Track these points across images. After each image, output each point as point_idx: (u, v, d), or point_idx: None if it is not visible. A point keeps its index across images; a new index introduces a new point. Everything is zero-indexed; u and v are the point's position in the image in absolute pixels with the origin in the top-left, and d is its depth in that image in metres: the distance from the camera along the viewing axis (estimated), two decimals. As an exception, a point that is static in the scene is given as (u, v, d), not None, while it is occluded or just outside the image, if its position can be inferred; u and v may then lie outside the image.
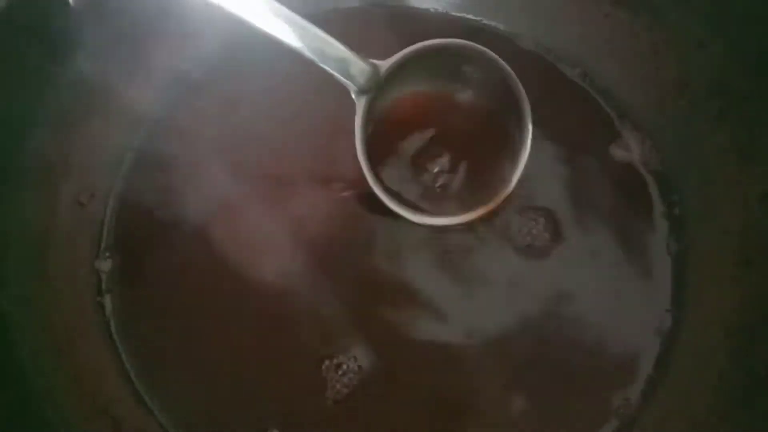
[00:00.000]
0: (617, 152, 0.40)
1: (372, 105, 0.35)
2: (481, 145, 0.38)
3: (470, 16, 0.44)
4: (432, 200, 0.37)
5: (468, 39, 0.42)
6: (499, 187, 0.36)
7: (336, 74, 0.34)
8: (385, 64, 0.35)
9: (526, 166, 0.35)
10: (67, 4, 0.34)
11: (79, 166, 0.38)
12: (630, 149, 0.40)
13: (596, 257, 0.37)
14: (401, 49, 0.42)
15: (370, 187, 0.35)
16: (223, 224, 0.38)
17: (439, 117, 0.38)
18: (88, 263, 0.37)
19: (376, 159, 0.36)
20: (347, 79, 0.34)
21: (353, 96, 0.35)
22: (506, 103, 0.36)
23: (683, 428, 0.33)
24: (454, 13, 0.44)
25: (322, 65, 0.33)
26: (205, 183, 0.39)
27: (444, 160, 0.37)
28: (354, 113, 0.35)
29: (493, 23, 0.43)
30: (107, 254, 0.37)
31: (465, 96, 0.38)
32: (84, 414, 0.33)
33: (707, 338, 0.35)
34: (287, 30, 0.32)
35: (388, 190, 0.36)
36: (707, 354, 0.35)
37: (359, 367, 0.35)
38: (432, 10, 0.44)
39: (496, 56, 0.35)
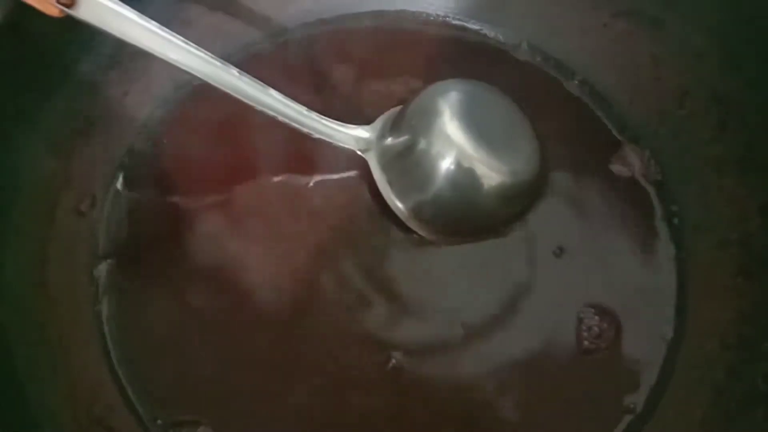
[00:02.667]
0: (617, 162, 0.40)
1: (383, 155, 0.37)
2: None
3: (469, 25, 0.43)
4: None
5: (467, 49, 0.43)
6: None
7: (333, 142, 0.36)
8: (373, 128, 0.37)
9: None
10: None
11: (78, 175, 0.38)
12: (630, 159, 0.40)
13: (596, 266, 0.37)
14: (400, 57, 0.43)
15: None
16: (223, 234, 0.38)
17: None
18: (87, 272, 0.37)
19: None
20: (344, 145, 0.36)
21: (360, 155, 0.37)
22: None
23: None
24: (453, 22, 0.44)
25: (317, 136, 0.35)
26: (206, 192, 0.39)
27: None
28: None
29: (492, 32, 0.43)
30: (106, 263, 0.37)
31: None
32: (79, 424, 0.33)
33: (705, 350, 0.35)
34: (280, 110, 0.34)
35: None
36: (705, 366, 0.35)
37: None
38: (431, 18, 0.44)
39: None
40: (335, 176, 0.39)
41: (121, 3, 0.31)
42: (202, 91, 0.41)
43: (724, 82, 0.37)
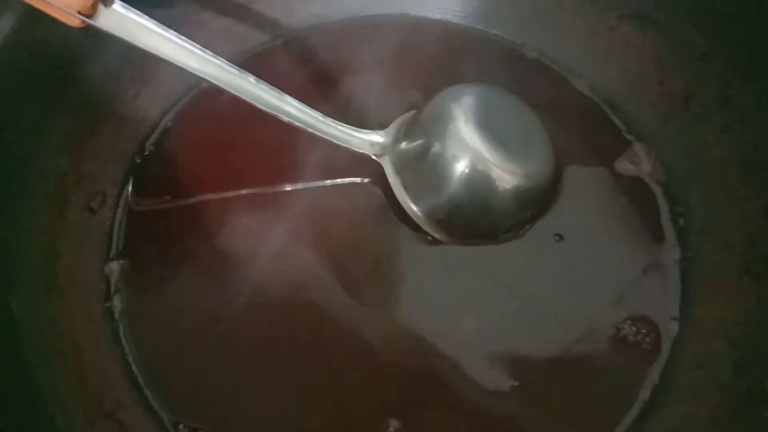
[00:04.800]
0: (623, 163, 0.40)
1: (397, 159, 0.37)
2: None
3: (477, 26, 0.44)
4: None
5: (474, 50, 0.43)
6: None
7: (348, 147, 0.37)
8: (387, 133, 0.38)
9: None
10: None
11: (89, 173, 0.39)
12: (636, 161, 0.40)
13: (601, 265, 0.37)
14: (406, 60, 0.43)
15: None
16: (233, 230, 0.38)
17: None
18: (98, 269, 0.38)
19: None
20: (359, 149, 0.37)
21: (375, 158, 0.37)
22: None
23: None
24: (457, 25, 0.44)
25: (333, 141, 0.36)
26: (215, 190, 0.39)
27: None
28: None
29: (499, 34, 0.44)
30: (117, 260, 0.38)
31: None
32: (90, 418, 0.33)
33: (711, 350, 0.35)
34: (297, 116, 0.35)
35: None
36: (711, 366, 0.35)
37: None
38: (436, 21, 0.45)
39: None
40: (349, 180, 0.39)
41: (140, 13, 0.32)
42: (213, 92, 0.41)
43: (729, 85, 0.37)
